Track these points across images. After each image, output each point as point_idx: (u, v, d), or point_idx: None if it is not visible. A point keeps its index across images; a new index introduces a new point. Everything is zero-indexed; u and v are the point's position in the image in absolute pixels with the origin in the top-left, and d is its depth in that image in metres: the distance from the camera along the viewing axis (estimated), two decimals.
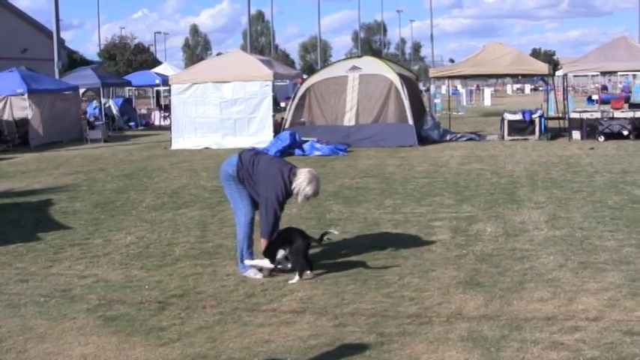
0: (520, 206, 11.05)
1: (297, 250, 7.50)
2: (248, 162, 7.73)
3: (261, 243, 7.54)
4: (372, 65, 22.84)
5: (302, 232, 7.79)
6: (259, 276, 7.58)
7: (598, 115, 22.21)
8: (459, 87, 56.19)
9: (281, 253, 7.58)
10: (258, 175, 7.60)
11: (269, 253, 7.54)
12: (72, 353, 5.64)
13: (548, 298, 6.57)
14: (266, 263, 7.57)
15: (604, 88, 52.81)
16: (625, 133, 20.93)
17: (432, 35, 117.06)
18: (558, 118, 24.48)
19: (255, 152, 8.08)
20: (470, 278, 7.29)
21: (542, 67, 24.19)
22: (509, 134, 22.43)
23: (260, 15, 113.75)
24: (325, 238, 7.97)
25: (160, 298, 7.01)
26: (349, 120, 21.87)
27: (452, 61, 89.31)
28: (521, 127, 22.51)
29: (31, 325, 6.32)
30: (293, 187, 7.46)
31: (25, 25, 44.75)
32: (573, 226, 9.47)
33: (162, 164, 18.56)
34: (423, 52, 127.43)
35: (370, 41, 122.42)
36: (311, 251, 8.04)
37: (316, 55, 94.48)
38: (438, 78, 28.66)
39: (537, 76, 34.95)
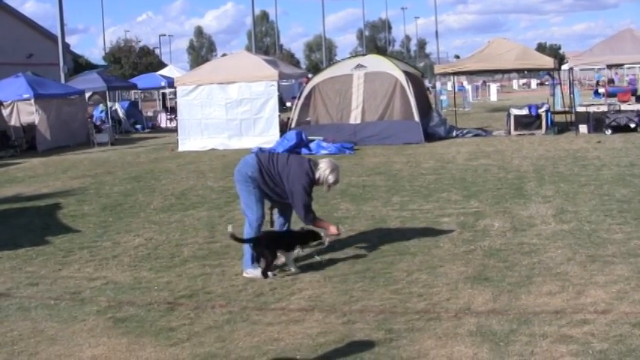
0: (527, 201, 11.04)
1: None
2: (267, 162, 7.85)
3: (315, 226, 7.87)
4: (377, 63, 22.85)
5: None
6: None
7: (605, 108, 22.15)
8: (465, 83, 56.06)
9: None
10: (281, 174, 7.75)
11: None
12: (82, 355, 5.67)
13: (557, 291, 6.57)
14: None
15: (611, 81, 52.63)
16: (632, 125, 20.87)
17: (436, 32, 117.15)
18: (565, 112, 24.45)
19: (269, 153, 8.19)
20: (478, 273, 7.29)
21: (548, 62, 24.16)
22: (515, 129, 22.40)
23: (264, 15, 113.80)
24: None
25: (169, 298, 7.04)
26: (355, 118, 21.87)
27: (457, 57, 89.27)
28: (527, 122, 22.47)
29: (41, 327, 6.36)
30: (317, 176, 7.75)
31: (30, 31, 44.82)
32: (581, 220, 9.46)
33: (170, 166, 18.60)
34: (428, 49, 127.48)
35: (375, 39, 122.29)
36: (316, 249, 8.14)
37: (321, 54, 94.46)
38: (444, 74, 28.59)
39: (543, 71, 34.85)
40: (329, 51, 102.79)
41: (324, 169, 7.79)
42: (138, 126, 34.71)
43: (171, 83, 31.56)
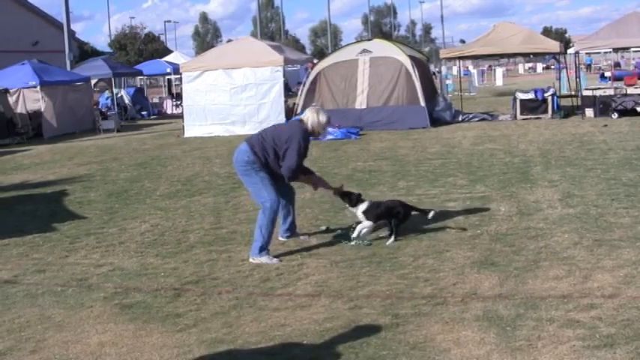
0: (534, 185, 11.01)
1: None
2: (257, 139, 7.88)
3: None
4: (382, 48, 22.76)
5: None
6: (274, 261, 7.60)
7: (611, 92, 22.05)
8: (471, 67, 55.96)
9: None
10: (274, 139, 7.77)
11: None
12: (90, 341, 5.68)
13: (564, 276, 6.55)
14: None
15: (617, 64, 52.41)
16: (639, 109, 20.76)
17: (442, 16, 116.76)
18: (571, 96, 24.35)
19: (256, 133, 8.14)
20: (484, 258, 7.28)
21: (554, 45, 24.04)
22: (521, 113, 22.32)
23: (269, 1, 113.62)
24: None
25: (176, 284, 7.04)
26: (361, 103, 21.82)
27: (463, 41, 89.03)
28: (533, 106, 22.39)
29: (49, 314, 6.38)
30: (309, 127, 7.84)
31: (35, 18, 44.85)
32: (587, 204, 9.43)
33: (176, 152, 18.61)
34: (434, 34, 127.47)
35: (380, 24, 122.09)
36: (322, 234, 8.18)
37: (326, 39, 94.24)
38: (449, 59, 28.50)
39: (549, 55, 34.72)
40: (334, 36, 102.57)
41: (310, 116, 7.86)
42: (144, 112, 34.69)
43: (176, 69, 31.51)
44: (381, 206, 8.33)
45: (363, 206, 8.20)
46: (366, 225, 8.12)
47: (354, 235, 8.11)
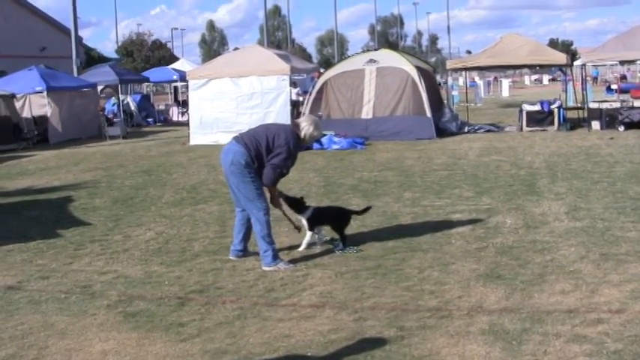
0: (540, 198, 10.97)
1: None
2: (251, 142, 7.75)
3: (267, 191, 7.92)
4: (389, 58, 22.76)
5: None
6: (290, 266, 7.67)
7: (617, 104, 22.01)
8: (477, 79, 55.90)
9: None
10: (267, 142, 7.69)
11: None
12: (92, 349, 5.65)
13: (570, 290, 6.51)
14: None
15: (623, 77, 52.32)
16: None
17: (448, 27, 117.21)
18: (577, 109, 24.30)
19: (247, 133, 8.04)
20: (490, 271, 7.24)
21: (560, 57, 24.02)
22: (527, 125, 22.30)
23: (276, 9, 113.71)
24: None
25: (180, 293, 7.01)
26: (367, 113, 21.81)
27: (469, 52, 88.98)
28: (539, 118, 22.37)
29: (52, 321, 6.35)
30: (302, 135, 7.89)
31: (43, 24, 45.00)
32: (594, 217, 9.39)
33: (181, 160, 18.60)
34: (440, 44, 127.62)
35: (387, 34, 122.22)
36: (327, 244, 8.19)
37: (333, 48, 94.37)
38: (456, 70, 28.48)
39: (555, 67, 34.67)
40: (341, 46, 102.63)
41: (306, 126, 7.91)
42: (150, 119, 34.74)
43: (183, 77, 31.53)
44: (323, 212, 8.67)
45: (308, 213, 8.37)
46: (308, 235, 8.36)
47: (302, 247, 8.34)
